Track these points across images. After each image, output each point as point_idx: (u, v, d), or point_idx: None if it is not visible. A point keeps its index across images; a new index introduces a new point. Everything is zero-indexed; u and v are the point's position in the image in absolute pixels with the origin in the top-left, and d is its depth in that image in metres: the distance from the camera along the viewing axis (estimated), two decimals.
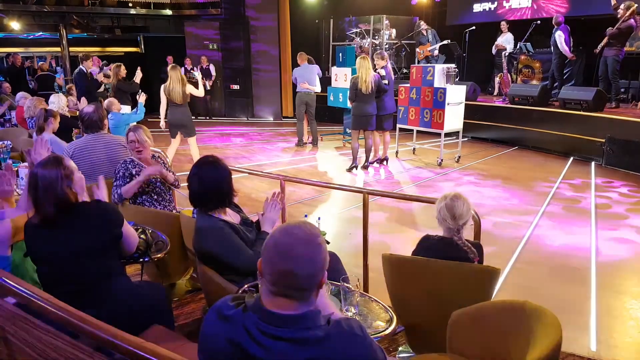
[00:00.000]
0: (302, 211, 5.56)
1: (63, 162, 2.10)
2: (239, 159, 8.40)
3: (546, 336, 1.75)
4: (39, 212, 2.03)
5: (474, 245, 2.44)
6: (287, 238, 1.23)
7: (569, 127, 7.98)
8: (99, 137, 3.89)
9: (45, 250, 2.03)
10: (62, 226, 2.03)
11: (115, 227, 2.14)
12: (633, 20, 7.76)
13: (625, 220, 5.07)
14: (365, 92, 6.70)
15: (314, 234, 1.25)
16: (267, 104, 13.38)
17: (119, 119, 6.37)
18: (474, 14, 11.79)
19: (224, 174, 2.27)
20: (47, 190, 2.00)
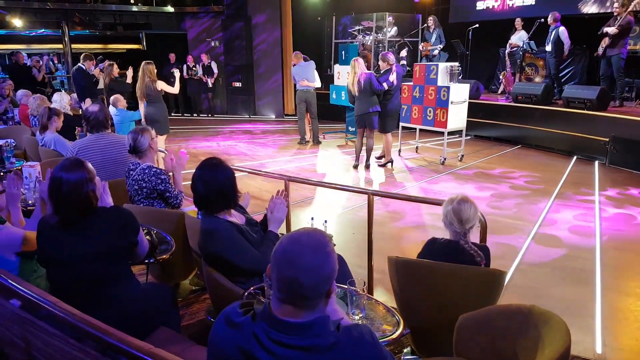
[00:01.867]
0: (305, 210, 5.56)
1: (86, 165, 2.12)
2: (242, 156, 8.39)
3: (554, 342, 1.74)
4: (59, 214, 2.03)
5: (481, 248, 2.43)
6: (294, 246, 1.22)
7: (572, 126, 7.96)
8: (103, 137, 3.88)
9: (60, 252, 2.02)
10: (80, 229, 2.03)
11: (133, 234, 2.15)
12: (630, 16, 7.73)
13: (631, 221, 5.05)
14: (354, 93, 6.89)
15: (323, 243, 1.24)
16: (269, 102, 13.36)
17: (124, 115, 6.47)
18: (477, 11, 11.74)
19: (228, 176, 2.27)
20: (71, 193, 2.00)
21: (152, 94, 6.62)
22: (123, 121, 6.55)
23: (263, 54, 13.08)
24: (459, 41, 10.86)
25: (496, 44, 11.03)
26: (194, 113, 13.51)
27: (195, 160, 7.91)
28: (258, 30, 12.97)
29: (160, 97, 6.78)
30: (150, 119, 6.73)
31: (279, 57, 12.88)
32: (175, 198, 3.23)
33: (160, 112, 6.80)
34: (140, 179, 3.16)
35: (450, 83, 7.26)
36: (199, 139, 10.16)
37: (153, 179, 3.15)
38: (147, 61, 6.71)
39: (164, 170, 3.26)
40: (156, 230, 2.74)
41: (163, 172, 3.21)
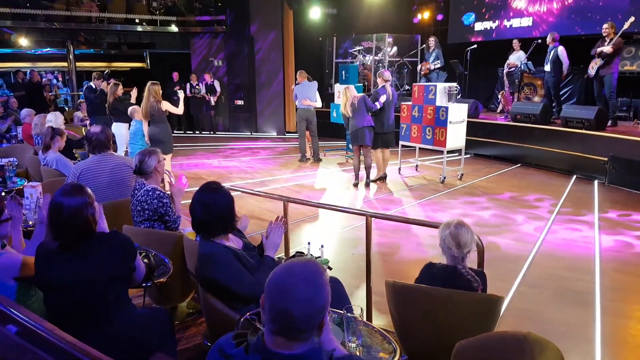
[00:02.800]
0: (305, 229, 5.57)
1: (85, 189, 2.16)
2: (242, 174, 8.42)
3: None
4: (58, 239, 2.05)
5: (477, 273, 2.43)
6: (287, 277, 1.23)
7: (571, 146, 7.99)
8: (106, 158, 3.91)
9: (58, 277, 2.03)
10: (78, 254, 2.05)
11: (130, 260, 2.17)
12: (620, 38, 7.82)
13: (630, 243, 5.04)
14: (347, 115, 7.17)
15: (316, 274, 1.25)
16: (270, 119, 13.47)
17: (139, 127, 6.73)
18: (475, 32, 11.90)
19: (226, 201, 2.28)
20: (72, 218, 2.03)
21: (156, 114, 6.66)
22: (137, 132, 6.78)
23: (265, 73, 13.23)
24: (457, 61, 10.99)
25: (495, 64, 11.16)
26: (197, 131, 13.61)
27: (196, 178, 8.02)
28: (260, 50, 13.15)
29: (165, 117, 6.82)
30: (155, 139, 6.77)
31: (280, 76, 13.03)
32: (174, 222, 3.25)
33: (165, 132, 6.85)
34: (143, 201, 3.18)
35: (448, 103, 7.32)
36: (200, 156, 10.22)
37: (155, 202, 3.17)
38: (152, 81, 6.76)
39: (167, 194, 3.29)
40: (154, 252, 2.76)
41: (166, 196, 3.23)
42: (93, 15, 12.59)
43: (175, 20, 13.63)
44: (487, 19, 11.65)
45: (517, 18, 11.02)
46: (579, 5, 9.88)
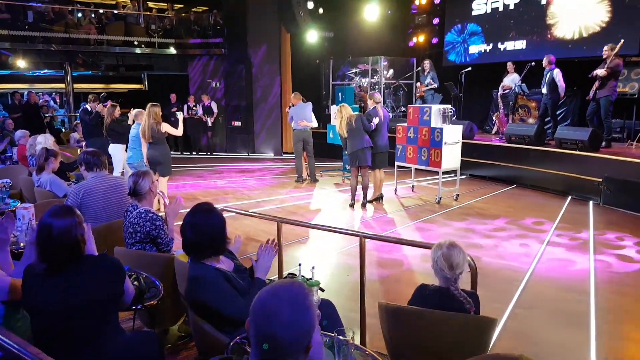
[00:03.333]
0: (300, 250, 5.54)
1: (74, 210, 2.17)
2: (238, 194, 8.42)
3: None
4: (46, 260, 2.04)
5: (470, 294, 2.42)
6: (272, 300, 1.22)
7: (566, 167, 8.03)
8: (104, 179, 3.92)
9: (44, 300, 2.01)
10: (66, 277, 2.04)
11: (119, 284, 2.15)
12: (618, 59, 7.94)
13: (625, 264, 5.03)
14: (343, 135, 7.18)
15: (302, 296, 1.24)
16: (268, 140, 13.54)
17: None
18: (470, 55, 12.08)
19: (218, 222, 2.27)
20: (61, 238, 2.03)
21: (155, 136, 6.69)
22: (137, 135, 6.84)
23: (262, 94, 13.35)
24: (452, 84, 11.15)
25: (489, 86, 11.30)
26: (193, 151, 13.65)
27: (191, 199, 7.99)
28: (258, 72, 13.29)
29: (164, 139, 6.84)
30: (154, 160, 6.79)
31: (278, 97, 13.15)
32: (167, 245, 3.23)
33: (163, 154, 6.87)
34: (136, 223, 3.17)
35: (443, 124, 7.38)
36: (197, 177, 10.22)
37: (148, 224, 3.16)
38: (153, 103, 6.80)
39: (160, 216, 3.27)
40: (145, 275, 2.74)
41: (159, 218, 3.22)
42: (91, 38, 12.73)
43: (174, 42, 13.79)
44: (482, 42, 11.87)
45: (511, 41, 11.21)
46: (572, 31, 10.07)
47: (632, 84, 9.11)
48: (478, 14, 11.97)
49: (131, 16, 13.64)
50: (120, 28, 13.19)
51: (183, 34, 14.07)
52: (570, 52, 10.01)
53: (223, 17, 13.68)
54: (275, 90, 13.18)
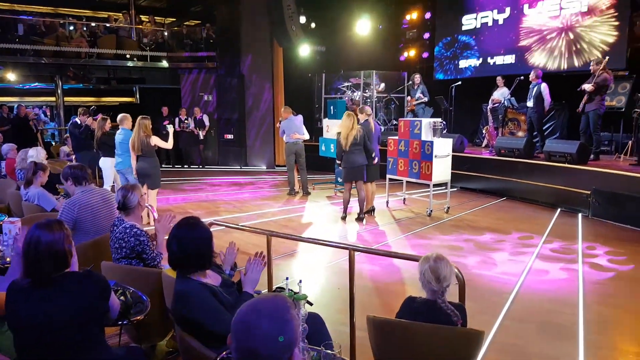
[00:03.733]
0: (290, 263, 5.52)
1: (63, 223, 2.17)
2: (229, 207, 8.39)
3: None
4: (32, 273, 2.02)
5: (457, 307, 2.42)
6: (252, 315, 1.21)
7: (555, 179, 8.11)
8: (93, 191, 3.90)
9: (27, 316, 1.98)
10: (50, 293, 2.02)
11: (104, 301, 2.13)
12: (607, 74, 8.08)
13: (613, 276, 5.06)
14: (345, 147, 6.98)
15: (283, 309, 1.23)
16: (260, 153, 13.55)
17: (126, 135, 6.87)
18: (459, 69, 12.24)
19: (204, 237, 2.26)
20: (49, 250, 2.02)
21: (145, 149, 6.69)
22: (123, 141, 6.87)
23: (255, 108, 13.40)
24: (442, 97, 11.27)
25: (479, 99, 11.42)
26: (185, 165, 13.62)
27: (183, 212, 7.95)
28: (250, 85, 13.35)
29: (154, 151, 6.84)
30: (143, 173, 6.78)
31: (270, 111, 13.20)
32: (153, 260, 3.21)
33: (153, 167, 6.85)
34: (121, 238, 3.15)
35: (433, 138, 7.44)
36: (188, 190, 10.19)
37: (132, 240, 3.14)
38: (143, 116, 6.82)
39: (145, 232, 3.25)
40: (132, 289, 2.72)
41: (143, 234, 3.20)
42: (82, 51, 12.74)
43: (166, 55, 13.84)
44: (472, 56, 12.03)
45: (501, 56, 11.37)
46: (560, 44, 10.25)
47: (619, 97, 9.25)
48: (468, 29, 12.15)
49: (123, 29, 13.69)
50: (112, 41, 13.21)
51: (175, 47, 14.13)
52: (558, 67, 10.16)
53: (215, 31, 13.77)
54: (268, 104, 13.23)
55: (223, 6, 13.23)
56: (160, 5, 15.95)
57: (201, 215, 7.50)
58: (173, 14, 16.58)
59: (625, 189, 6.98)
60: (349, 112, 7.17)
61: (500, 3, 11.33)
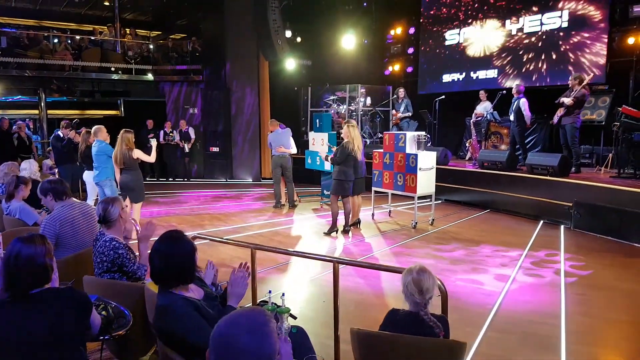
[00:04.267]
0: (276, 277, 5.50)
1: (44, 238, 2.16)
2: (215, 221, 8.35)
3: None
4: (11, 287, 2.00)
5: (439, 319, 2.44)
6: (230, 329, 1.20)
7: (537, 192, 8.22)
8: (73, 205, 3.86)
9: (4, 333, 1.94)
10: (31, 307, 1.99)
11: (85, 317, 2.11)
12: (585, 90, 8.29)
13: (595, 287, 5.14)
14: (353, 153, 6.96)
15: (261, 323, 1.23)
16: (246, 166, 13.54)
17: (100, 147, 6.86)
18: (443, 84, 12.43)
19: (187, 251, 2.25)
20: (30, 264, 2.01)
21: (127, 162, 6.68)
22: (98, 152, 6.83)
23: (241, 120, 13.42)
24: (426, 111, 11.43)
25: (462, 113, 11.60)
26: (170, 178, 13.54)
27: (167, 226, 7.89)
28: (236, 98, 13.38)
29: (137, 165, 6.83)
30: (126, 186, 6.75)
31: (256, 123, 13.23)
32: (134, 273, 3.18)
33: (136, 180, 6.82)
34: (102, 252, 3.13)
35: (418, 151, 7.52)
36: (172, 203, 10.12)
37: (111, 253, 3.11)
38: (126, 129, 6.83)
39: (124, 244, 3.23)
40: (114, 304, 2.69)
41: (122, 247, 3.17)
42: (66, 64, 12.67)
43: (151, 69, 13.82)
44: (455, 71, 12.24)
45: (483, 70, 11.58)
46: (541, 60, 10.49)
47: (599, 111, 9.45)
48: (451, 44, 12.37)
49: (108, 42, 13.66)
50: (97, 54, 13.17)
51: (161, 60, 14.12)
52: (540, 81, 10.39)
53: (201, 45, 13.81)
54: (254, 117, 13.26)
55: (209, 20, 13.30)
56: (146, 19, 15.96)
57: (186, 229, 7.48)
58: (159, 27, 16.60)
59: (606, 201, 7.11)
60: (352, 124, 7.19)
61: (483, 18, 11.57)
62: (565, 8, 9.96)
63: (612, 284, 5.20)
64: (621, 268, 5.74)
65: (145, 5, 14.43)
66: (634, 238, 6.62)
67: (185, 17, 15.34)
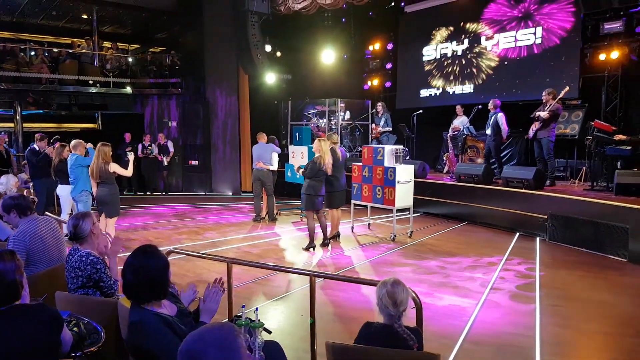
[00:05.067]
0: (254, 291, 5.46)
1: (15, 254, 2.14)
2: (192, 235, 8.26)
3: None
4: None
5: (412, 331, 2.46)
6: (197, 344, 1.20)
7: (513, 204, 8.36)
8: (39, 220, 3.79)
9: None
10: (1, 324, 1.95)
11: (55, 333, 2.07)
12: (558, 104, 8.53)
13: (568, 298, 5.23)
14: (323, 169, 6.95)
15: (229, 338, 1.23)
16: (226, 179, 13.46)
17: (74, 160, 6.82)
18: (421, 98, 12.65)
19: (160, 265, 2.23)
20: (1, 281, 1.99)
21: (103, 176, 6.63)
22: (73, 165, 6.80)
23: (220, 134, 13.37)
24: (405, 125, 11.60)
25: (440, 127, 11.80)
26: (148, 191, 13.38)
27: (143, 240, 7.78)
28: (215, 112, 13.35)
29: (113, 178, 6.77)
30: (101, 200, 6.68)
31: (236, 137, 13.20)
32: (110, 288, 3.14)
33: (111, 194, 6.75)
34: (77, 267, 3.07)
35: (396, 164, 7.61)
36: (150, 218, 9.99)
37: (89, 268, 3.06)
38: (103, 142, 6.78)
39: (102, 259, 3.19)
40: (87, 320, 2.64)
41: (100, 261, 3.13)
42: (43, 77, 12.50)
43: (129, 82, 13.73)
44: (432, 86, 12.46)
45: (460, 85, 11.82)
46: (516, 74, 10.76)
47: (573, 125, 9.71)
48: (428, 59, 12.61)
49: (86, 55, 13.53)
50: (74, 67, 13.03)
51: (139, 73, 14.04)
52: (515, 96, 10.64)
53: (180, 58, 13.78)
54: (234, 130, 13.23)
55: (188, 33, 13.32)
56: (125, 32, 15.88)
57: (162, 243, 7.40)
58: (138, 41, 16.52)
59: (580, 213, 7.26)
60: (322, 138, 7.21)
61: (459, 35, 11.84)
62: (539, 25, 10.27)
63: (586, 295, 5.30)
64: (595, 279, 5.86)
65: (124, 18, 14.35)
66: (607, 249, 6.77)
67: (164, 30, 15.31)
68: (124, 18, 14.35)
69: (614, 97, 9.32)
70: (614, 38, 9.03)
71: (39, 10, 13.27)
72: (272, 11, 12.17)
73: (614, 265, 6.38)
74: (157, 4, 13.35)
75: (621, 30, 8.84)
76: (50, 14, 13.63)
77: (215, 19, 12.91)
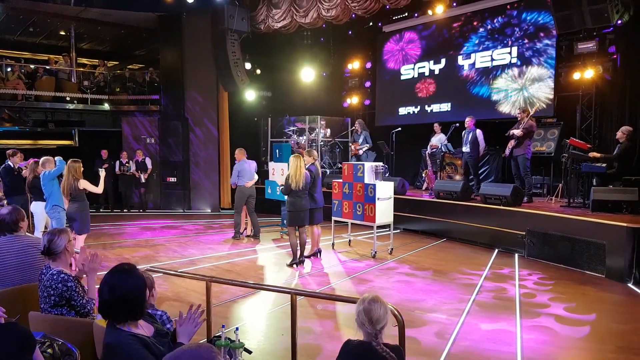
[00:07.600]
0: (234, 310, 5.38)
1: None
2: (170, 253, 8.12)
3: None
4: None
5: (393, 349, 2.44)
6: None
7: (491, 221, 8.46)
8: (15, 240, 3.68)
9: None
10: None
11: (26, 355, 1.98)
12: (532, 121, 8.73)
13: (548, 313, 5.28)
14: (295, 188, 6.98)
15: (207, 358, 1.21)
16: (204, 196, 13.34)
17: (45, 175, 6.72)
18: (399, 116, 12.83)
19: (137, 284, 2.17)
20: None
21: (73, 192, 6.66)
22: (45, 179, 6.71)
23: (199, 150, 13.29)
24: (384, 142, 11.72)
25: (418, 144, 11.96)
26: (125, 209, 13.15)
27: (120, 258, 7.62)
28: (195, 128, 13.28)
29: (83, 195, 6.77)
30: (70, 217, 6.68)
31: (215, 153, 13.13)
32: (83, 307, 3.05)
33: (80, 211, 6.74)
34: (49, 286, 2.98)
35: (376, 181, 7.65)
36: (127, 235, 9.80)
37: (60, 286, 2.98)
38: (73, 159, 6.79)
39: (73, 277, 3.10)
40: (61, 341, 2.56)
41: (71, 279, 3.04)
42: (19, 93, 12.28)
43: (107, 98, 13.59)
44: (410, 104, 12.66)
45: (437, 104, 12.03)
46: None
47: (549, 143, 9.92)
48: (406, 79, 12.82)
49: (63, 72, 13.37)
50: (51, 83, 12.84)
51: (117, 90, 13.91)
52: (491, 114, 10.87)
53: (159, 75, 13.72)
54: (213, 147, 13.17)
55: (167, 50, 13.27)
56: (103, 49, 15.76)
57: (139, 261, 7.25)
58: (116, 58, 16.41)
59: (557, 229, 7.37)
60: (297, 154, 7.23)
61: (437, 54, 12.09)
62: (514, 45, 10.55)
63: (565, 310, 5.36)
64: (573, 295, 5.94)
65: (103, 35, 14.26)
66: (584, 265, 6.89)
67: (143, 47, 15.24)
68: (103, 35, 14.26)
69: (588, 116, 9.56)
70: (587, 57, 9.28)
71: (15, 26, 13.10)
72: (252, 29, 12.25)
73: (591, 281, 6.48)
74: (136, 21, 13.32)
75: (594, 50, 9.10)
76: (28, 30, 13.47)
77: (195, 36, 12.93)
